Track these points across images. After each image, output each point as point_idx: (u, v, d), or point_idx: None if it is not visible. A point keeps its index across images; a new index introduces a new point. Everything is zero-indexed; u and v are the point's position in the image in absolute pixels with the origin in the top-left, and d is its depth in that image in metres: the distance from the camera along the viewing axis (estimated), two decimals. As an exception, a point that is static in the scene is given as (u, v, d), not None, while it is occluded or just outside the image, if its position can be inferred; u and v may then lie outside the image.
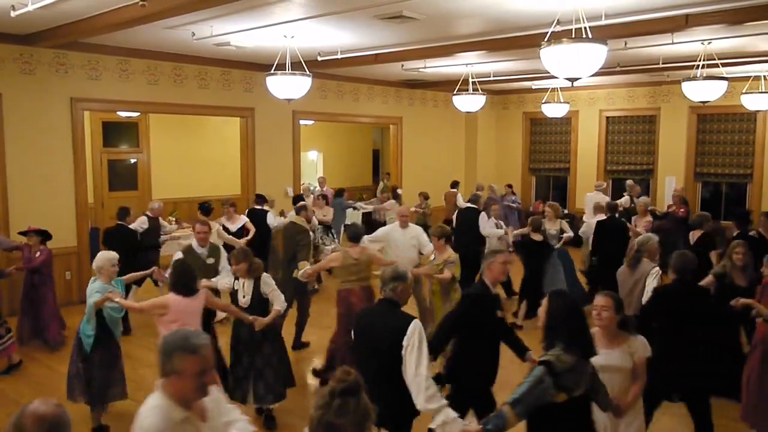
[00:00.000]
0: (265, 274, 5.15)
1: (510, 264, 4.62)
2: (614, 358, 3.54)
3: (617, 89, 13.96)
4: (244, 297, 5.06)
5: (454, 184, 13.03)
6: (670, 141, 13.26)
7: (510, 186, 13.81)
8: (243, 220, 8.75)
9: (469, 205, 9.57)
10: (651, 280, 5.26)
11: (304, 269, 6.42)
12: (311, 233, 7.41)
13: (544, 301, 3.17)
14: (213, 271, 5.80)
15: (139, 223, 8.14)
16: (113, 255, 5.07)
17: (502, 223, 9.37)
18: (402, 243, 6.89)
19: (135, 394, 5.25)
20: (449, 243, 6.26)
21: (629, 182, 11.75)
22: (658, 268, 5.40)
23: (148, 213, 8.47)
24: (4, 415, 5.32)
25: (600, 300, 3.60)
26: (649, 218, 9.23)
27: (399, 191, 12.75)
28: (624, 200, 11.01)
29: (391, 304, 3.50)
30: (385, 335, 3.34)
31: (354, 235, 6.02)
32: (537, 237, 7.99)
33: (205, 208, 8.53)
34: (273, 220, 9.25)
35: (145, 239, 8.16)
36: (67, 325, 7.26)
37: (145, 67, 9.32)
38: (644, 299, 5.12)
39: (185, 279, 4.55)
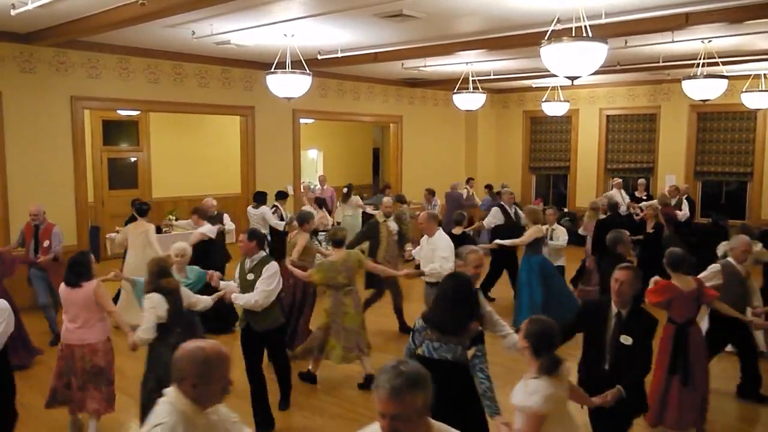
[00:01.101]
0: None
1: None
2: None
3: (617, 88, 13.95)
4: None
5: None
6: (671, 139, 13.25)
7: (468, 180, 13.61)
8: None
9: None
10: None
11: None
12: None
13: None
14: None
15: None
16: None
17: None
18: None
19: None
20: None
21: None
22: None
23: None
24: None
25: None
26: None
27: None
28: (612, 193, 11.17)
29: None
30: None
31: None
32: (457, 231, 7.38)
33: (140, 208, 7.90)
34: (272, 217, 9.25)
35: None
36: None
37: (145, 65, 9.32)
38: None
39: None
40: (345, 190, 11.71)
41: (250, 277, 4.89)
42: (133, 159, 13.08)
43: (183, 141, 13.41)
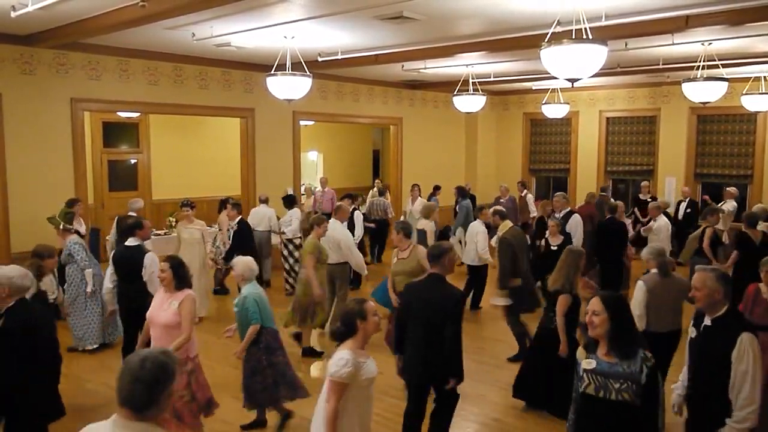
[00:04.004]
0: None
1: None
2: None
3: (617, 90, 13.95)
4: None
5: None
6: (671, 142, 13.25)
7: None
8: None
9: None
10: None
11: None
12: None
13: (599, 307, 3.07)
14: None
15: None
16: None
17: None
18: None
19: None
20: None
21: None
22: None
23: (132, 213, 8.44)
24: None
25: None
26: None
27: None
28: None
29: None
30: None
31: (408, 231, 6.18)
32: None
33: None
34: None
35: None
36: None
37: (145, 67, 9.32)
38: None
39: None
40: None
41: None
42: (133, 161, 13.08)
43: (183, 143, 13.42)
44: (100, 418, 2.15)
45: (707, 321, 3.41)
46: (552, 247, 7.42)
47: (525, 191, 12.55)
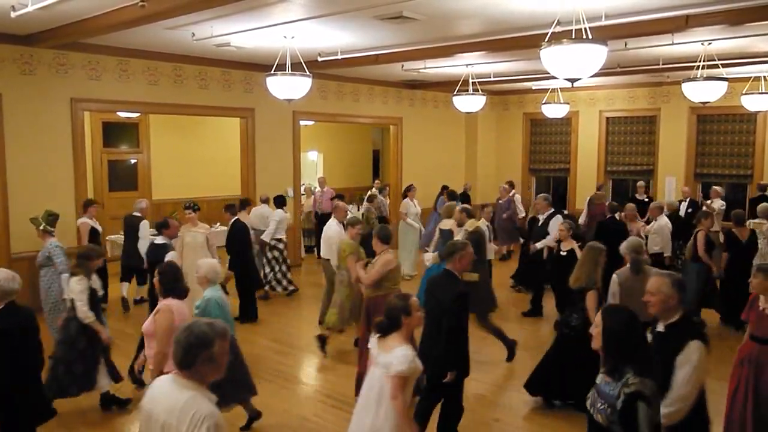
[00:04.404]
0: None
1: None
2: None
3: (617, 90, 13.95)
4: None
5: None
6: (671, 142, 13.25)
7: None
8: None
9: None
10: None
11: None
12: None
13: (598, 319, 2.87)
14: None
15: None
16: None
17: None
18: None
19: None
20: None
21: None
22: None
23: (137, 213, 8.51)
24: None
25: None
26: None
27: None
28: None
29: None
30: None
31: (386, 237, 5.75)
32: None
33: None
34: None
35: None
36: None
37: (145, 67, 9.32)
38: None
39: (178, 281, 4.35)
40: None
41: None
42: (133, 161, 13.08)
43: (183, 143, 13.42)
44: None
45: (660, 327, 3.38)
46: (561, 253, 7.03)
47: (513, 191, 12.50)
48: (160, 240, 6.66)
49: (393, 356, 3.34)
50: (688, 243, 8.22)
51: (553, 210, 8.90)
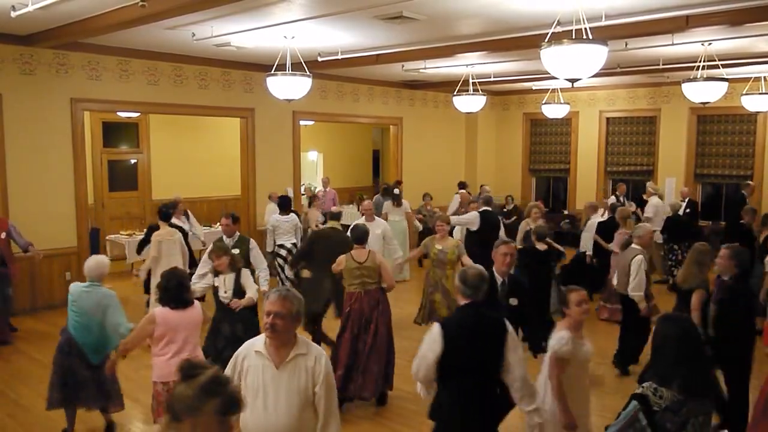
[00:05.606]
0: (244, 268, 5.31)
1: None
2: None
3: (617, 90, 13.95)
4: (225, 292, 5.16)
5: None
6: (671, 142, 13.25)
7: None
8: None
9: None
10: (635, 267, 5.98)
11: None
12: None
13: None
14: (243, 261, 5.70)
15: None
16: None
17: None
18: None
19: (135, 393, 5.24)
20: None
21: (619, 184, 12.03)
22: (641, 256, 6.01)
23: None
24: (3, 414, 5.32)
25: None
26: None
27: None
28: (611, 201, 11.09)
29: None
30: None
31: (359, 238, 5.62)
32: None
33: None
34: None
35: None
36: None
37: (145, 67, 9.32)
38: (630, 286, 5.98)
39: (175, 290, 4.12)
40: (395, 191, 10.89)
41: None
42: (133, 161, 13.08)
43: (183, 143, 13.41)
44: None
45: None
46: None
47: (462, 191, 12.25)
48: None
49: (553, 338, 3.71)
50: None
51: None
